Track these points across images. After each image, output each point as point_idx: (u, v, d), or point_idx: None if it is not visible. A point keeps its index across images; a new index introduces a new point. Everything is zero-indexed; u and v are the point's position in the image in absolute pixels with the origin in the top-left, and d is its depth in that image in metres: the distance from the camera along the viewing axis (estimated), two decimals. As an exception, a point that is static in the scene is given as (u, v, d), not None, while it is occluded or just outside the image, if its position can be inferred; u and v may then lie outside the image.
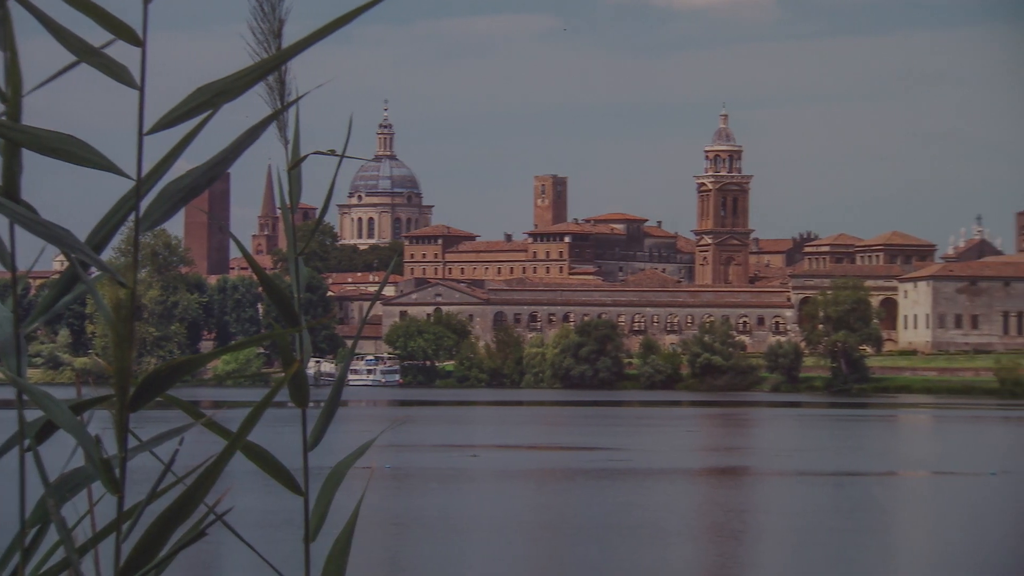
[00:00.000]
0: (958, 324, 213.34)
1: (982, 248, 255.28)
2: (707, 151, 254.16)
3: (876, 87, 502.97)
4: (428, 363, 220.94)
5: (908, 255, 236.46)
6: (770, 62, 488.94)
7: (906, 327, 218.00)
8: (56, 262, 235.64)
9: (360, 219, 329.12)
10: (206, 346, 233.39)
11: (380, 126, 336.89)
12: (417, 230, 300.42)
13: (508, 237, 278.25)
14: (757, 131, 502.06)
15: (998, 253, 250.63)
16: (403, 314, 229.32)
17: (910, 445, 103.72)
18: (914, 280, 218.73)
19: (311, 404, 4.57)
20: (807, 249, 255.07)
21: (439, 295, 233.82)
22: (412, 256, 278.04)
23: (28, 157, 4.12)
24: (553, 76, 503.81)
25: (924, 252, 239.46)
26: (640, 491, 64.60)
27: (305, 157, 4.64)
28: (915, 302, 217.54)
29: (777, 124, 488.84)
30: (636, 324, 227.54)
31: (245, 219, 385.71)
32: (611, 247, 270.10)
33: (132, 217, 4.12)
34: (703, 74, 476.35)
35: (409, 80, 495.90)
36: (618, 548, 46.69)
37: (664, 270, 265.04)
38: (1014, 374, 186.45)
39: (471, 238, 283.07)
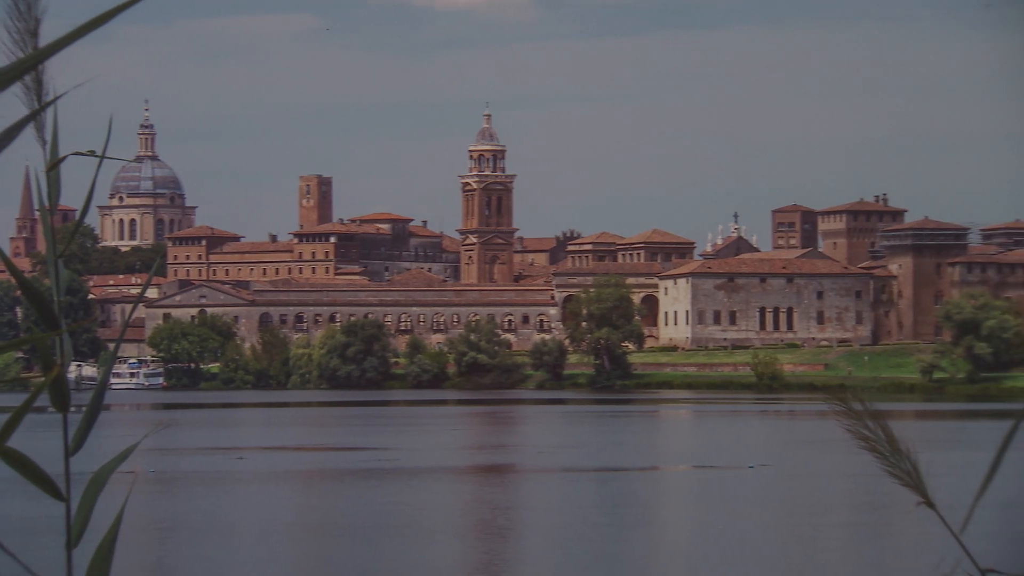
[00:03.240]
0: (717, 320, 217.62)
1: (739, 245, 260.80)
2: (471, 151, 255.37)
3: (636, 87, 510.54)
4: (192, 365, 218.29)
5: (668, 252, 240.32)
6: (532, 62, 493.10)
7: (667, 323, 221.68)
8: None
9: (122, 220, 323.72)
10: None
11: (141, 126, 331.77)
12: (180, 231, 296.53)
13: (273, 238, 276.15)
14: (520, 131, 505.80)
15: (755, 250, 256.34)
16: (167, 316, 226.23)
17: (671, 440, 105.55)
18: (674, 277, 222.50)
19: (72, 408, 4.52)
20: (570, 247, 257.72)
21: (203, 297, 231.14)
22: (175, 257, 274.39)
23: None
24: (316, 76, 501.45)
25: (683, 249, 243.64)
26: (407, 490, 64.70)
27: (64, 158, 4.58)
28: (675, 299, 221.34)
29: (540, 124, 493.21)
30: (403, 324, 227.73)
31: (2, 221, 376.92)
32: (377, 247, 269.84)
33: None
34: (466, 74, 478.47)
35: (170, 80, 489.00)
36: (385, 548, 46.71)
37: (430, 269, 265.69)
38: (770, 369, 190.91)
39: (235, 239, 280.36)
